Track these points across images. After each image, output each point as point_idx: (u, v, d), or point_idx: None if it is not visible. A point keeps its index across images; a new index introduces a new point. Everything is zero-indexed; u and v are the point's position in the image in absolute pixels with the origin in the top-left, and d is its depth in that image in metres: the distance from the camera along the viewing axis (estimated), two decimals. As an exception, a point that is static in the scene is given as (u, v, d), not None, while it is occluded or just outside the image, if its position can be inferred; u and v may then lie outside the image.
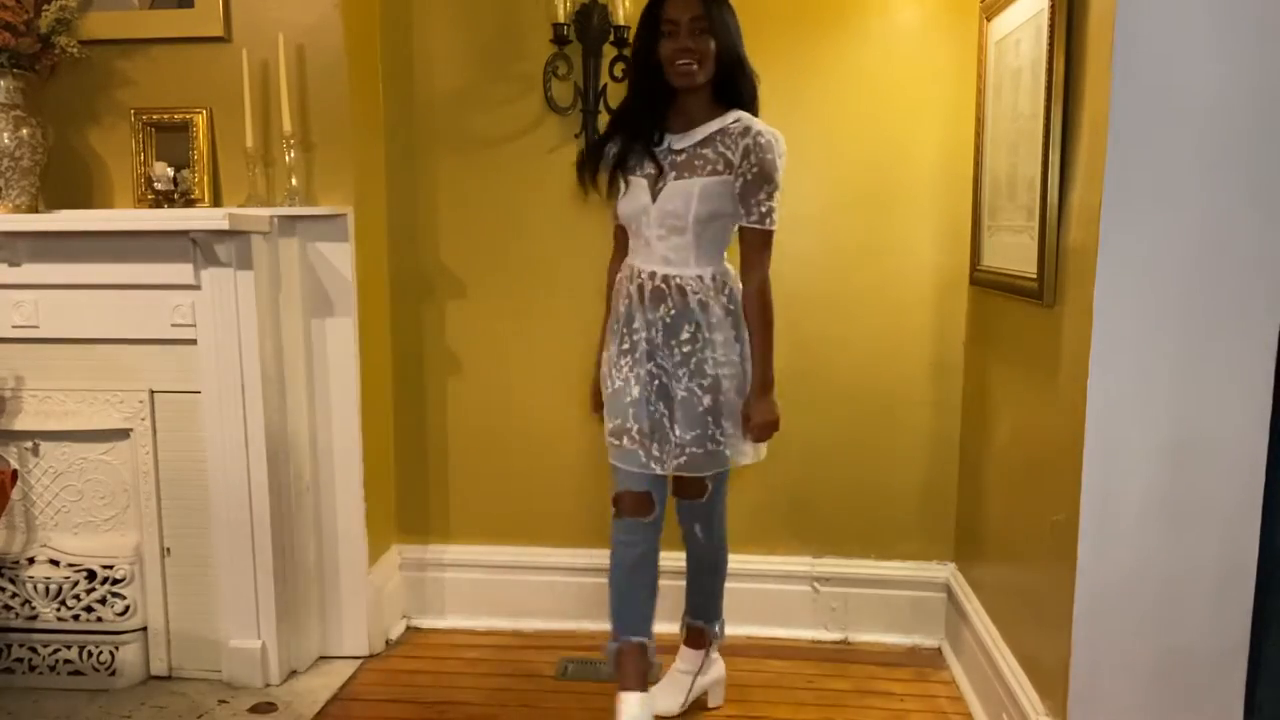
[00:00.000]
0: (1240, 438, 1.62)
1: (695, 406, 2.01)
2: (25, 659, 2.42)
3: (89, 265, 2.30)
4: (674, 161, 2.01)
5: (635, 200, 2.03)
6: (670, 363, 2.02)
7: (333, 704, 2.35)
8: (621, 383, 2.05)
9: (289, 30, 2.36)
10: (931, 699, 2.39)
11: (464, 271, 2.71)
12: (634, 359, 2.03)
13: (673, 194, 1.98)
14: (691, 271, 2.01)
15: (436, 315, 2.74)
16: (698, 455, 2.03)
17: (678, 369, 2.02)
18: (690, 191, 1.97)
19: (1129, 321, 1.61)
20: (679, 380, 2.02)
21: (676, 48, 1.94)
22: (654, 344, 2.02)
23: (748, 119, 2.00)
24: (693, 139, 2.01)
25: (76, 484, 2.41)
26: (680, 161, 2.00)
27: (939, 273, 2.56)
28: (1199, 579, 1.65)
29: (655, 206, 2.00)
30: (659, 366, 2.03)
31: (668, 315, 2.01)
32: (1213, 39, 1.54)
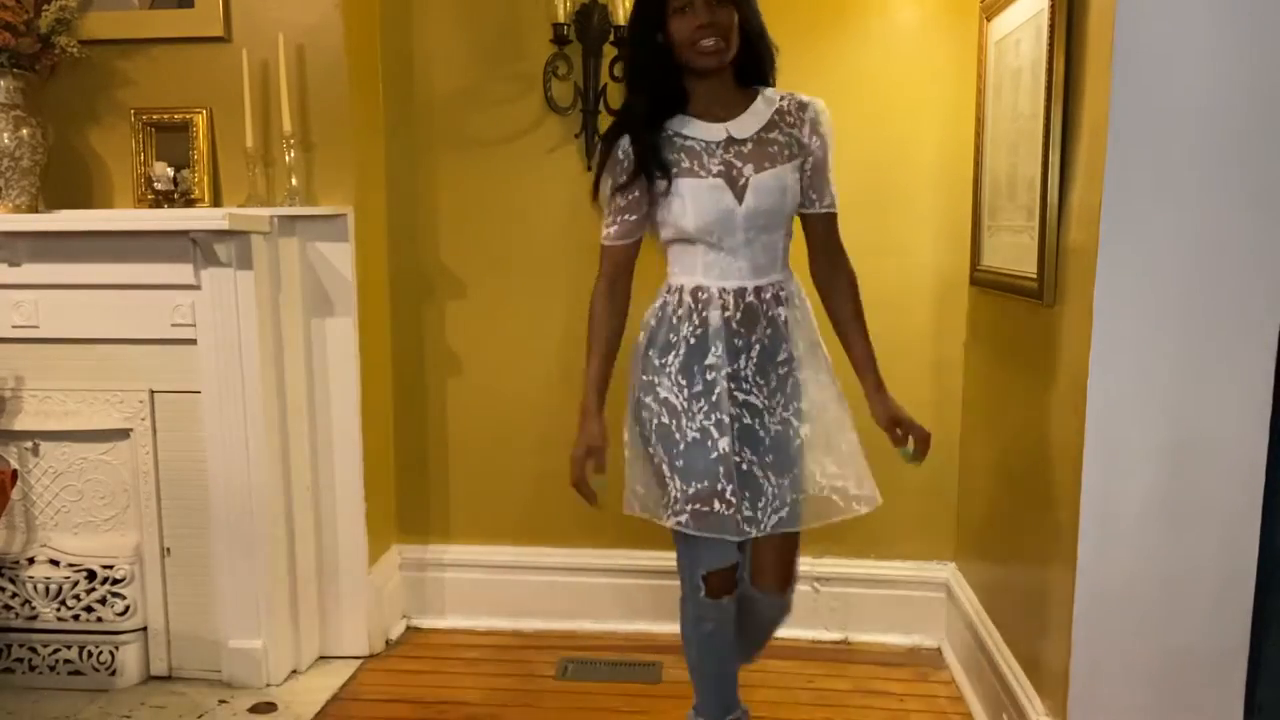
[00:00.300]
0: (1240, 438, 1.62)
1: (791, 441, 1.72)
2: (25, 659, 2.42)
3: (89, 265, 2.30)
4: (741, 153, 1.71)
5: (713, 204, 1.68)
6: (763, 396, 1.71)
7: (333, 704, 2.35)
8: (699, 434, 1.68)
9: (289, 30, 2.36)
10: (931, 699, 2.39)
11: (464, 271, 2.71)
12: (711, 402, 1.68)
13: (765, 189, 1.69)
14: (781, 278, 1.75)
15: (436, 315, 2.74)
16: (798, 505, 1.71)
17: (773, 400, 1.72)
18: (784, 183, 1.70)
19: (1129, 321, 1.61)
20: (772, 414, 1.71)
21: (697, 24, 1.64)
22: (742, 378, 1.70)
23: (787, 92, 1.79)
24: (754, 125, 1.73)
25: (76, 484, 2.41)
26: (750, 152, 1.71)
27: (939, 273, 2.56)
28: (1199, 579, 1.65)
29: (744, 207, 1.69)
30: (745, 405, 1.70)
31: (765, 337, 1.72)
32: (1213, 39, 1.54)
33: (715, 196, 1.68)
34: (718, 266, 1.71)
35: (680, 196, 1.69)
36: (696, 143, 1.71)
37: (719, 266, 1.71)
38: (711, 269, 1.72)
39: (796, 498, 1.71)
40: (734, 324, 1.70)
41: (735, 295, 1.71)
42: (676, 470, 1.68)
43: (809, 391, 1.75)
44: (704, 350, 1.69)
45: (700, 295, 1.72)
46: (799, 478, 1.73)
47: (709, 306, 1.70)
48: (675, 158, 1.70)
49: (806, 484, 1.73)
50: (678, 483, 1.68)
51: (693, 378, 1.70)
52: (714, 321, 1.70)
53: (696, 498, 1.66)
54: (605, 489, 1.74)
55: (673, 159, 1.70)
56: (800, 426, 1.73)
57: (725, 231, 1.69)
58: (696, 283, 1.73)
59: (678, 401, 1.70)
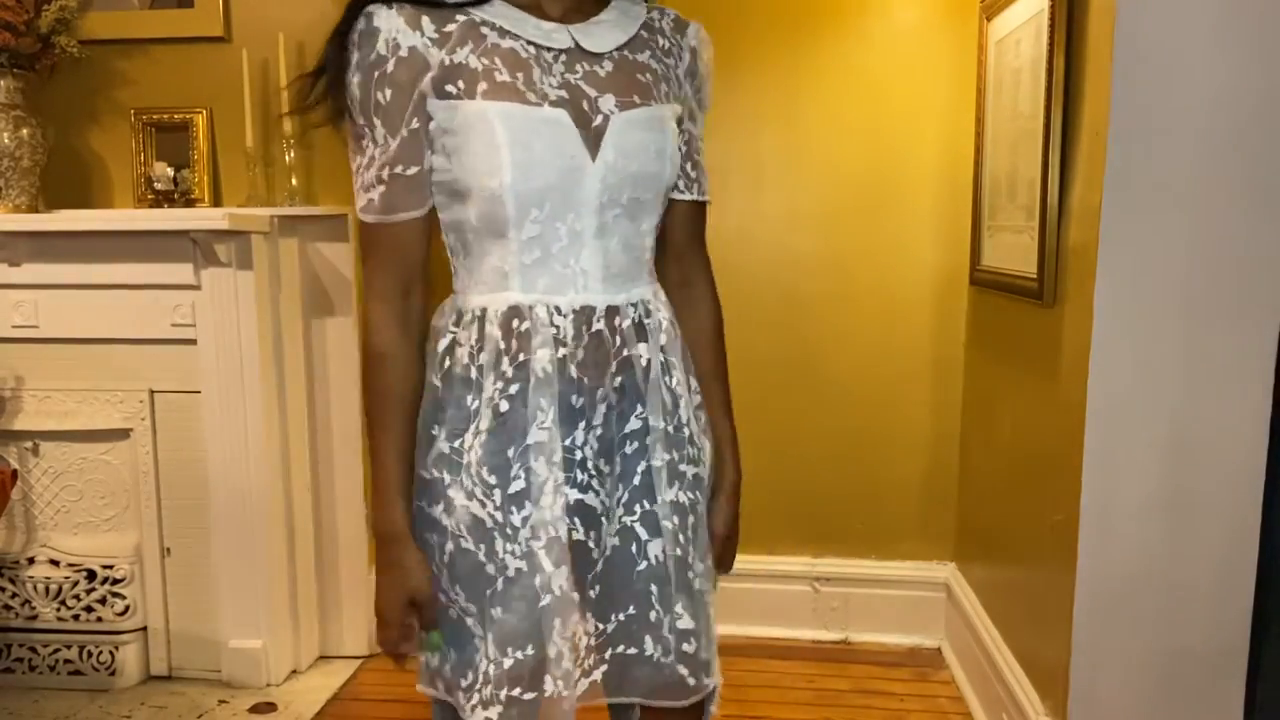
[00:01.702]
0: (1240, 438, 1.62)
1: (634, 563, 1.08)
2: (25, 659, 2.42)
3: (89, 265, 2.29)
4: (595, 76, 1.04)
5: (550, 151, 0.99)
6: (604, 490, 1.07)
7: (333, 704, 2.35)
8: (523, 564, 1.02)
9: (289, 30, 2.36)
10: (931, 699, 2.39)
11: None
12: (539, 509, 1.02)
13: (635, 139, 1.03)
14: (646, 295, 1.09)
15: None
16: (628, 665, 1.09)
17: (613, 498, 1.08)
18: (663, 132, 1.06)
19: (1129, 321, 1.61)
20: (610, 519, 1.08)
21: None
22: (579, 461, 1.05)
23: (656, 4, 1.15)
24: (616, 36, 1.07)
25: (76, 484, 2.41)
26: (609, 76, 1.05)
27: (939, 273, 2.56)
28: (1199, 579, 1.65)
29: (600, 162, 1.01)
30: (578, 507, 1.05)
31: (613, 392, 1.06)
32: (1213, 39, 1.54)
33: (554, 138, 0.98)
34: (548, 271, 1.02)
35: (487, 134, 0.96)
36: (520, 44, 1.01)
37: (550, 271, 1.02)
38: (536, 275, 1.02)
39: (627, 653, 1.09)
40: (572, 370, 1.02)
41: (576, 321, 1.02)
42: (489, 627, 1.03)
43: (667, 486, 1.08)
44: (523, 421, 1.01)
45: (515, 324, 1.02)
46: (636, 623, 1.08)
47: (531, 342, 1.01)
48: (479, 63, 0.99)
49: (645, 637, 1.08)
50: (489, 649, 1.03)
51: (506, 471, 1.02)
52: (540, 368, 1.01)
53: (516, 677, 1.02)
54: (440, 651, 1.11)
55: (473, 64, 0.99)
56: (648, 543, 1.08)
57: (566, 204, 1.00)
58: (510, 301, 1.02)
59: (485, 513, 1.02)
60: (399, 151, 0.99)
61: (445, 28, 1.00)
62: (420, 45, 0.98)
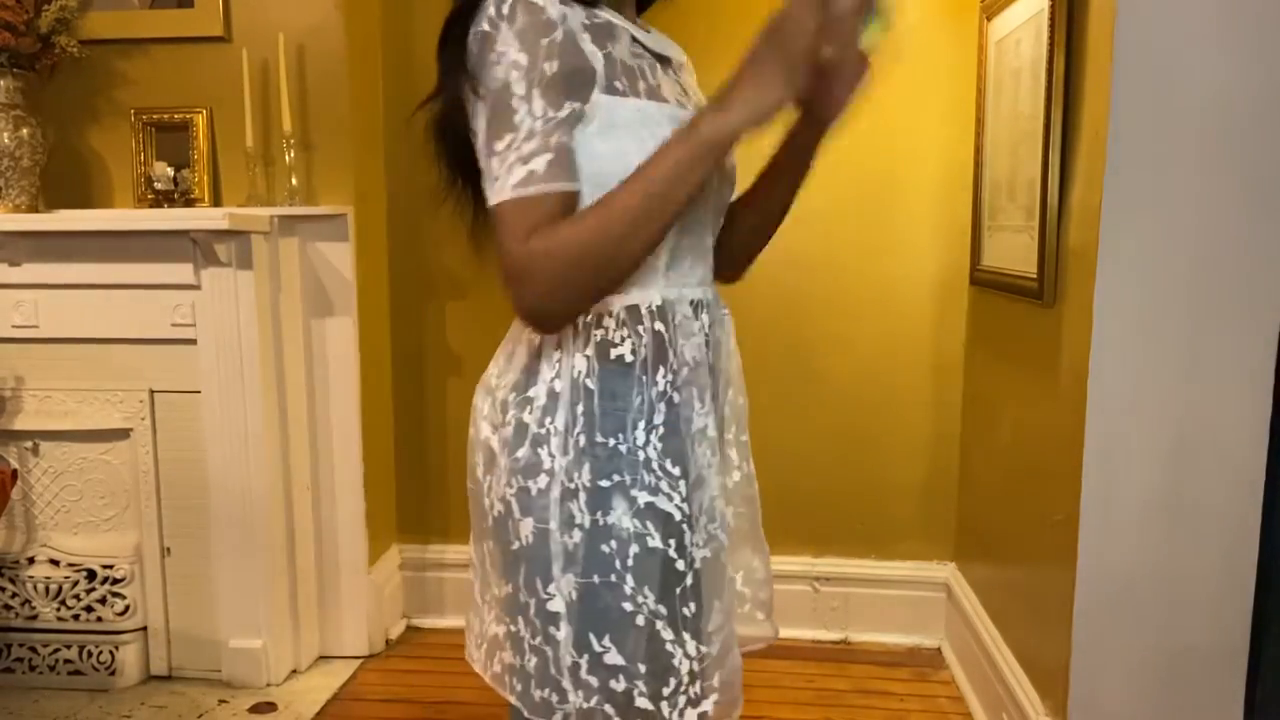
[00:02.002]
0: (1240, 438, 1.62)
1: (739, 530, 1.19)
2: (25, 659, 2.42)
3: (89, 265, 2.30)
4: (686, 85, 1.14)
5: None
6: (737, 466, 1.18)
7: (333, 704, 2.35)
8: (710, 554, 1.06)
9: (289, 30, 2.36)
10: (931, 699, 2.39)
11: (464, 271, 2.71)
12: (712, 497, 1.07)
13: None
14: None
15: (436, 315, 2.74)
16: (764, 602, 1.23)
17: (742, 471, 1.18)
18: None
19: (1129, 321, 1.61)
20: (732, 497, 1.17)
21: None
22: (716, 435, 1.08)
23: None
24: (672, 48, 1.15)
25: (76, 484, 2.41)
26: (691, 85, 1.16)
27: (939, 273, 2.56)
28: (1199, 579, 1.65)
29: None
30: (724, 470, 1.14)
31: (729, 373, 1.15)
32: (1213, 39, 1.54)
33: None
34: (680, 266, 1.04)
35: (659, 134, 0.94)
36: (639, 46, 1.04)
37: (681, 266, 1.04)
38: (675, 270, 1.04)
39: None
40: (707, 357, 1.07)
41: (699, 311, 1.07)
42: (684, 626, 1.02)
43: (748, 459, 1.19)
44: (689, 410, 1.03)
45: (669, 317, 1.02)
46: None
47: (681, 333, 1.03)
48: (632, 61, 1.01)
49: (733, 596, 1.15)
50: (686, 648, 1.02)
51: (685, 461, 1.02)
52: (691, 357, 1.03)
53: (720, 660, 1.06)
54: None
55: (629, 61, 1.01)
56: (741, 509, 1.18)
57: (701, 203, 1.05)
58: (661, 295, 1.02)
59: (673, 506, 1.01)
60: (563, 124, 0.93)
61: (591, 20, 0.99)
62: (578, 29, 0.96)
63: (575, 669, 0.99)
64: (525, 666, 1.03)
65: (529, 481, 1.00)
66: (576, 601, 0.99)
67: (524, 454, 1.00)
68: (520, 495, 1.00)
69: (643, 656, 1.00)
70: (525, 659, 1.03)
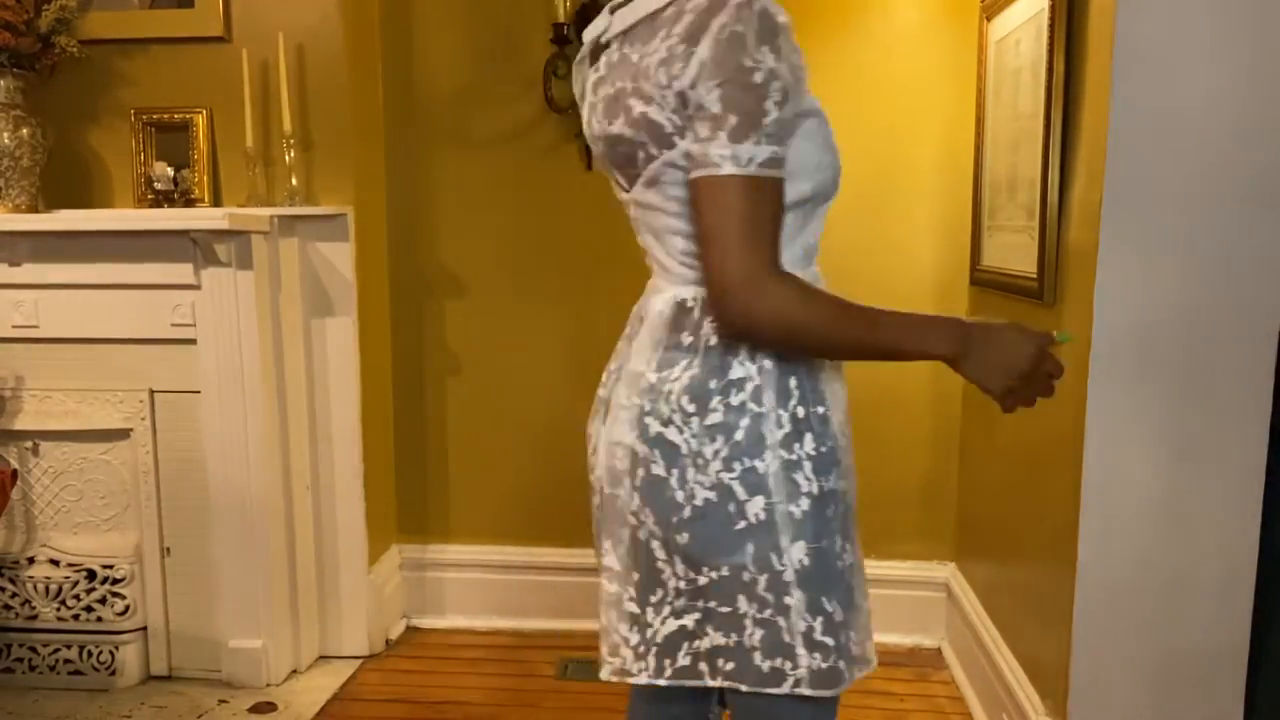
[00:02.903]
0: (1240, 438, 1.62)
1: None
2: (25, 659, 2.42)
3: (89, 265, 2.29)
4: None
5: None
6: None
7: (333, 704, 2.35)
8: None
9: (289, 30, 2.36)
10: (931, 699, 2.39)
11: (464, 271, 2.71)
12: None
13: None
14: None
15: (436, 315, 2.74)
16: None
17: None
18: None
19: (1129, 321, 1.61)
20: None
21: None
22: None
23: None
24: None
25: (76, 484, 2.41)
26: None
27: (939, 273, 2.56)
28: (1199, 579, 1.65)
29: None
30: None
31: None
32: (1212, 39, 1.54)
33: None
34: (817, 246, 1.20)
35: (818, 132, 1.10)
36: None
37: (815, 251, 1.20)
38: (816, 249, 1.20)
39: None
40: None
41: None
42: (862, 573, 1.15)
43: None
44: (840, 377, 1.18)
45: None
46: None
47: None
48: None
49: None
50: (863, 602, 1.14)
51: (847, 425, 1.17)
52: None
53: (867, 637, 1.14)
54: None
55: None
56: None
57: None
58: (816, 275, 1.19)
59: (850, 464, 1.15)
60: (792, 118, 1.04)
61: None
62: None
63: (809, 632, 1.06)
64: (744, 643, 1.07)
65: (754, 461, 1.05)
66: (808, 567, 1.06)
67: (744, 435, 1.05)
68: (746, 475, 1.05)
69: (851, 608, 1.10)
70: (746, 635, 1.07)
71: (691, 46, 1.00)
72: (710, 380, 1.06)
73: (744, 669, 1.08)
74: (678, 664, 1.12)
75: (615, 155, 1.13)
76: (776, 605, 1.05)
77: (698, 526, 1.07)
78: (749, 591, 1.06)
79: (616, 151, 1.12)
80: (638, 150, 1.07)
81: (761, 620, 1.06)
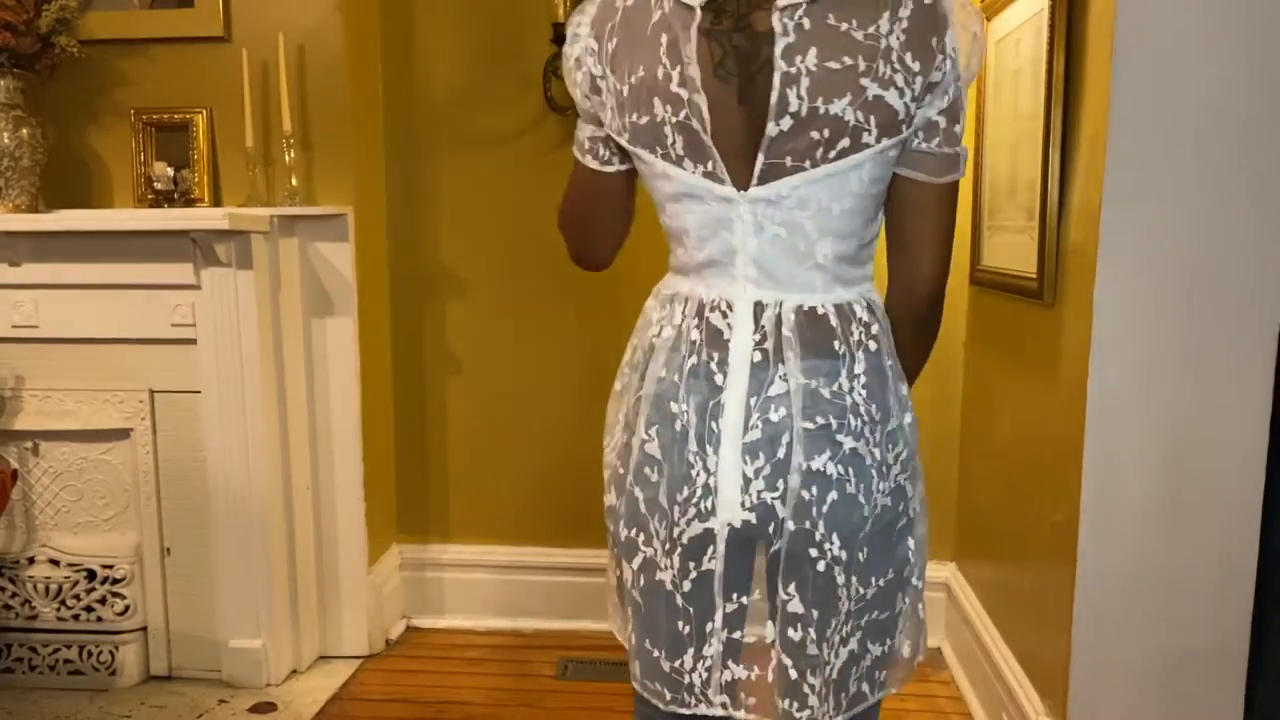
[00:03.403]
0: (1240, 438, 1.62)
1: None
2: (25, 659, 2.42)
3: (89, 265, 2.29)
4: None
5: None
6: None
7: (333, 704, 2.35)
8: None
9: (289, 30, 2.36)
10: (931, 699, 2.39)
11: (464, 271, 2.71)
12: None
13: None
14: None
15: (436, 315, 2.74)
16: None
17: None
18: None
19: (1129, 321, 1.61)
20: None
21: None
22: None
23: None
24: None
25: (76, 484, 2.41)
26: None
27: (939, 273, 2.56)
28: (1199, 579, 1.65)
29: None
30: None
31: None
32: (1212, 39, 1.54)
33: None
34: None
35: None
36: None
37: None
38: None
39: None
40: None
41: None
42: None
43: None
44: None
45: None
46: None
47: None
48: None
49: None
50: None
51: None
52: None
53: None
54: None
55: None
56: None
57: None
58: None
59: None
60: None
61: None
62: None
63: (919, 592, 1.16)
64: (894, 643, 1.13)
65: (914, 454, 1.12)
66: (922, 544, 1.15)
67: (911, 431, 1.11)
68: (915, 471, 1.12)
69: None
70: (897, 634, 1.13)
71: (940, 36, 0.97)
72: (882, 384, 1.06)
73: (894, 670, 1.12)
74: (850, 693, 1.09)
75: (797, 140, 0.97)
76: (917, 590, 1.13)
77: (877, 538, 1.06)
78: (905, 586, 1.11)
79: (804, 136, 0.97)
80: (845, 137, 0.97)
81: (909, 610, 1.12)
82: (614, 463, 1.15)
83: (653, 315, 1.13)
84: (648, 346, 1.11)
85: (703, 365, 1.04)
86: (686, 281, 1.10)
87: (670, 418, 1.05)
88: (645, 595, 1.11)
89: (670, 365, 1.07)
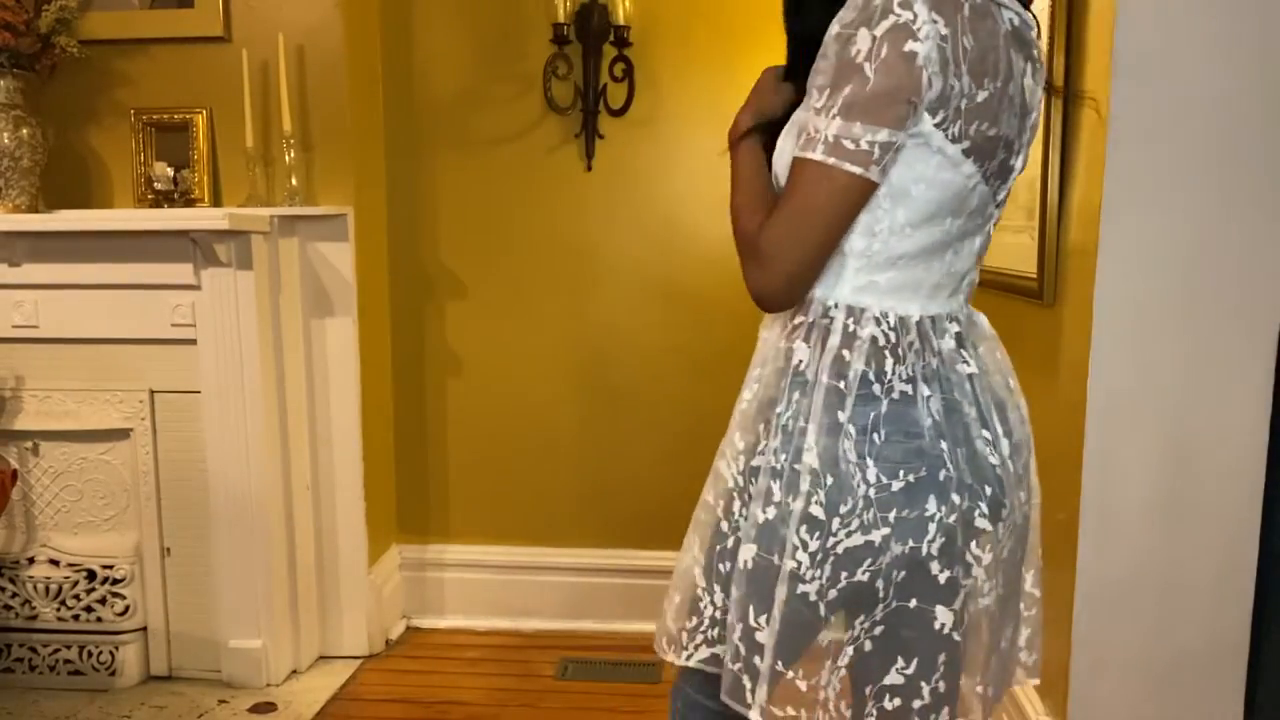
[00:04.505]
0: (1240, 438, 1.62)
1: None
2: (25, 659, 2.42)
3: (89, 265, 2.29)
4: None
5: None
6: None
7: (333, 704, 2.35)
8: None
9: (289, 30, 2.36)
10: (931, 699, 2.38)
11: (464, 271, 2.71)
12: None
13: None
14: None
15: (436, 315, 2.74)
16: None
17: None
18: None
19: (1129, 321, 1.61)
20: None
21: None
22: None
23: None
24: None
25: (76, 484, 2.41)
26: None
27: (939, 273, 2.56)
28: (1199, 579, 1.65)
29: None
30: None
31: None
32: (1213, 38, 1.54)
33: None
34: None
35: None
36: None
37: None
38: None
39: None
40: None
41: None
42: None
43: None
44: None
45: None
46: None
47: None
48: None
49: None
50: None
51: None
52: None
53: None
54: None
55: None
56: None
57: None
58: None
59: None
60: None
61: None
62: None
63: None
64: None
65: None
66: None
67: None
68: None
69: None
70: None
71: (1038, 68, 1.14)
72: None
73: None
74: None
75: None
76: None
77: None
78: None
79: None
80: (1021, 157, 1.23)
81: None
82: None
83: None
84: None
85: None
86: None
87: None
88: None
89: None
